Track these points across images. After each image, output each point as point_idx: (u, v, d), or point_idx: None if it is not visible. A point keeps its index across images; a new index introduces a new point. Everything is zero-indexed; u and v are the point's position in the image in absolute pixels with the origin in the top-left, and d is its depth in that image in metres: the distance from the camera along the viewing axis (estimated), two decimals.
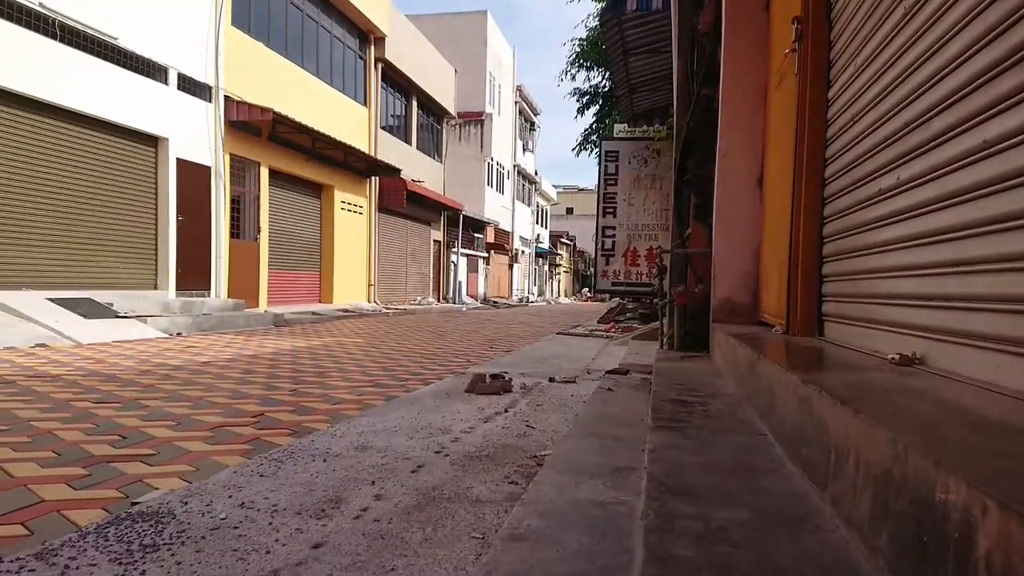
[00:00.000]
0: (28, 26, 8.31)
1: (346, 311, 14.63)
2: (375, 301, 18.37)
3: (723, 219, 4.33)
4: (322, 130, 13.85)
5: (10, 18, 8.08)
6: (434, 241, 23.96)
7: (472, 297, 27.61)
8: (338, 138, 14.57)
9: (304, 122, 13.13)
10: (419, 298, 21.89)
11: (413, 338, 9.19)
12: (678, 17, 5.61)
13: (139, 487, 2.32)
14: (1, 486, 2.28)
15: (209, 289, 11.81)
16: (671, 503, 1.32)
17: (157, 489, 2.28)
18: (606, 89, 17.49)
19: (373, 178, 18.36)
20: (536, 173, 42.11)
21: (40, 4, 8.38)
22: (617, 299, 16.91)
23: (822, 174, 2.94)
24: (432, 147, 24.17)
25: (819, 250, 2.96)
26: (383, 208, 19.09)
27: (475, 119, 30.22)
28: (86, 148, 9.48)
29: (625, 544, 1.47)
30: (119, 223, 10.10)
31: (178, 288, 11.01)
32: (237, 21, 12.55)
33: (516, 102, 36.12)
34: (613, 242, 10.14)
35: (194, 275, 11.45)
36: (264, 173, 13.57)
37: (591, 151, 18.65)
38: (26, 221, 8.62)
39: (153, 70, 10.41)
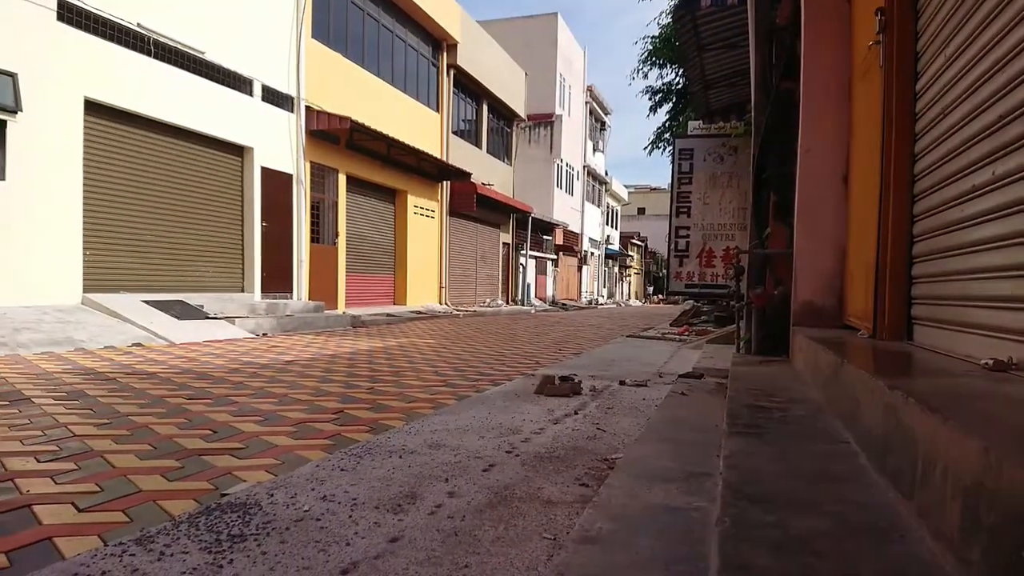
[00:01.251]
0: (126, 44, 8.92)
1: (419, 313, 14.94)
2: (446, 303, 18.68)
3: (805, 218, 4.17)
4: (396, 137, 14.22)
5: (111, 38, 8.69)
6: (503, 243, 24.13)
7: (540, 299, 27.64)
8: (411, 144, 14.92)
9: (380, 129, 13.52)
10: (488, 300, 22.10)
11: (483, 340, 9.29)
12: (755, 11, 5.45)
13: (228, 479, 2.46)
14: (104, 476, 2.46)
15: (291, 292, 12.32)
16: (748, 510, 1.29)
17: (245, 481, 2.41)
18: (679, 86, 17.17)
19: (444, 182, 18.69)
20: (606, 173, 41.74)
21: (138, 24, 8.98)
22: (691, 301, 16.54)
23: (911, 170, 2.80)
24: (502, 150, 24.37)
25: (908, 250, 2.81)
26: (454, 212, 19.39)
27: (545, 121, 30.27)
28: (179, 158, 10.08)
29: (699, 551, 1.45)
30: (209, 229, 10.68)
31: (263, 291, 11.54)
32: (317, 34, 13.06)
33: (586, 102, 35.94)
34: (687, 242, 9.94)
35: (278, 278, 11.98)
36: (342, 180, 14.05)
37: (664, 149, 18.34)
38: (124, 228, 9.24)
39: (239, 83, 10.96)
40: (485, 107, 22.19)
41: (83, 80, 8.28)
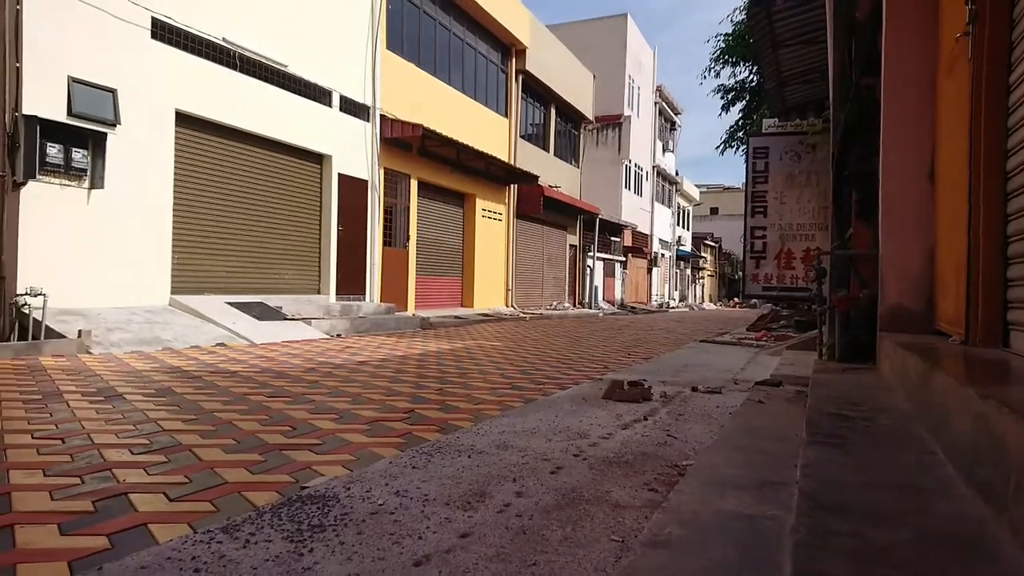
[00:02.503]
0: (213, 59, 9.41)
1: (486, 315, 15.08)
2: (512, 306, 18.78)
3: (890, 217, 3.98)
4: (466, 142, 14.43)
5: (199, 53, 9.19)
6: (570, 246, 24.05)
7: (609, 302, 27.38)
8: (480, 149, 15.11)
9: (450, 135, 13.76)
10: (555, 303, 22.07)
11: (550, 343, 9.30)
12: (833, 5, 5.25)
13: (307, 473, 2.56)
14: (192, 468, 2.61)
15: (364, 294, 12.69)
16: (825, 519, 1.26)
17: (323, 476, 2.51)
18: (753, 84, 16.70)
19: (512, 185, 18.82)
20: (677, 173, 40.97)
21: (223, 39, 9.47)
22: (770, 305, 15.99)
23: (1003, 167, 2.63)
24: (569, 152, 24.33)
25: (1003, 251, 2.64)
26: (520, 214, 19.49)
27: (613, 122, 30.02)
28: (262, 166, 10.56)
29: (772, 559, 1.42)
30: (288, 234, 11.14)
31: (338, 293, 11.93)
32: (391, 45, 13.44)
33: (656, 103, 35.42)
34: (764, 243, 9.63)
35: (352, 281, 12.36)
36: (414, 185, 14.37)
37: (737, 148, 17.87)
38: (210, 233, 9.75)
39: (319, 94, 11.40)
40: (553, 110, 22.22)
41: (174, 93, 8.80)
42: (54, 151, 7.23)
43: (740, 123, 17.61)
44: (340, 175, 11.94)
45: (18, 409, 3.63)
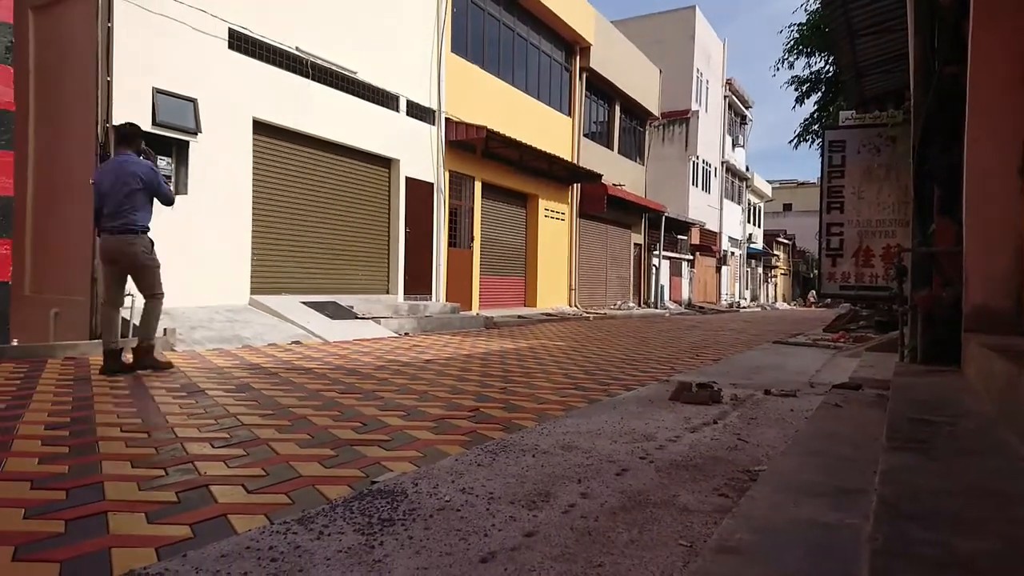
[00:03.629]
0: (287, 68, 9.77)
1: (549, 315, 15.07)
2: (576, 305, 18.69)
3: (975, 213, 3.75)
4: (529, 143, 14.47)
5: (273, 62, 9.56)
6: (634, 244, 23.73)
7: (675, 302, 26.86)
8: (543, 149, 15.11)
9: (513, 136, 13.83)
10: (619, 303, 21.83)
11: (614, 343, 9.20)
12: None
13: (377, 468, 2.63)
14: (269, 462, 2.72)
15: (430, 294, 12.91)
16: (905, 528, 1.20)
17: (392, 471, 2.57)
18: (829, 75, 16.05)
19: (575, 185, 18.74)
20: (747, 169, 39.80)
21: (296, 48, 9.82)
22: (847, 305, 15.37)
23: None
24: (634, 149, 24.01)
25: None
26: (584, 214, 19.37)
27: (680, 118, 29.44)
28: (333, 171, 10.89)
29: (848, 569, 1.36)
30: (359, 236, 11.45)
31: (405, 293, 12.19)
32: (456, 48, 13.62)
33: (725, 96, 34.52)
34: (841, 240, 9.23)
35: (418, 281, 12.61)
36: (478, 186, 14.52)
37: (812, 142, 17.21)
38: (286, 236, 10.13)
39: (387, 99, 11.67)
40: (617, 107, 21.99)
41: (251, 102, 9.19)
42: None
43: (815, 116, 16.95)
44: (407, 178, 12.19)
45: (109, 403, 3.88)
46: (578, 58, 18.70)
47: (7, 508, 2.08)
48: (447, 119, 13.07)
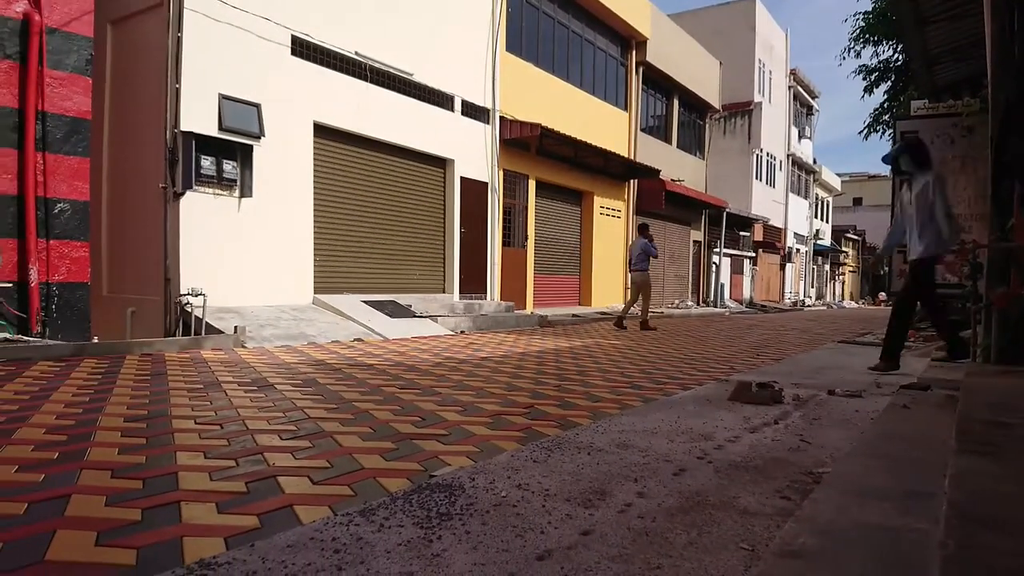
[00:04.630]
0: (346, 72, 10.02)
1: (604, 313, 14.96)
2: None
3: None
4: (584, 139, 14.39)
5: (333, 67, 9.82)
6: (694, 241, 23.28)
7: (736, 300, 26.22)
8: (598, 145, 15.00)
9: (568, 133, 13.78)
10: (677, 301, 21.46)
11: (671, 342, 9.07)
12: None
13: (435, 462, 2.68)
14: (333, 454, 2.80)
15: (485, 293, 13.01)
16: (976, 533, 1.15)
17: (449, 465, 2.61)
18: (899, 63, 15.36)
19: (631, 181, 18.52)
20: (814, 161, 38.44)
21: (355, 52, 10.04)
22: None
23: None
24: (693, 144, 23.55)
25: None
26: (640, 210, 19.12)
27: (742, 110, 28.69)
28: (390, 172, 11.10)
29: (916, 574, 1.31)
30: (416, 236, 11.64)
31: (461, 292, 12.32)
32: (511, 47, 13.67)
33: (790, 87, 33.44)
34: None
35: (473, 280, 12.72)
36: (532, 185, 14.53)
37: (883, 133, 16.50)
38: (346, 236, 10.39)
39: (442, 100, 11.82)
40: (676, 101, 21.61)
41: (312, 106, 9.46)
42: (207, 163, 7.99)
43: (885, 105, 16.24)
44: (462, 178, 12.31)
45: (183, 397, 4.07)
46: (634, 52, 18.47)
47: (90, 495, 2.21)
48: (501, 118, 13.13)
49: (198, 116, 7.94)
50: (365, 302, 9.79)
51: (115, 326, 8.36)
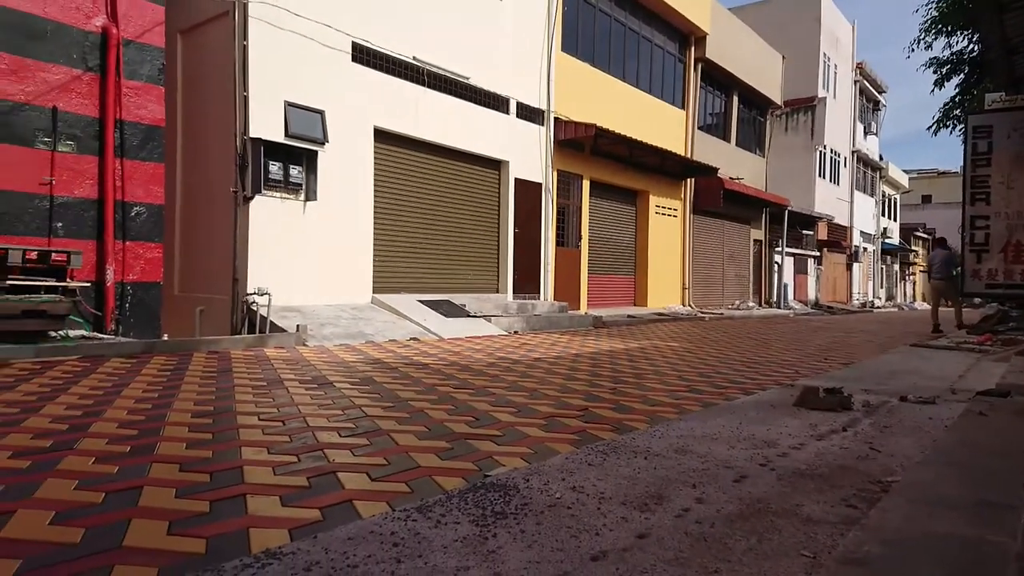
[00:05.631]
0: (404, 76, 10.19)
1: (660, 315, 14.74)
2: (690, 305, 18.14)
3: None
4: (639, 138, 14.22)
5: (392, 72, 10.00)
6: (754, 241, 22.69)
7: (801, 301, 25.41)
8: (654, 144, 14.80)
9: (623, 132, 13.65)
10: (737, 302, 20.94)
11: (732, 344, 8.86)
12: None
13: (489, 462, 2.70)
14: (390, 451, 2.86)
15: (539, 293, 13.01)
16: None
17: (503, 466, 2.63)
18: (973, 54, 14.59)
19: (688, 179, 18.19)
20: (881, 158, 36.96)
21: (413, 57, 10.21)
22: (995, 305, 14.23)
23: None
24: (753, 141, 22.96)
25: None
26: (698, 209, 18.76)
27: (805, 105, 27.81)
28: (446, 174, 11.24)
29: None
30: (470, 236, 11.75)
31: (514, 292, 12.36)
32: (566, 47, 13.63)
33: (856, 81, 32.22)
34: (987, 235, 8.40)
35: (527, 280, 12.75)
36: (586, 185, 14.46)
37: (953, 127, 15.71)
38: (404, 237, 10.57)
39: (497, 102, 11.89)
40: (735, 97, 21.11)
41: (372, 111, 9.66)
42: (275, 168, 8.28)
43: (957, 99, 15.46)
44: (516, 179, 12.36)
45: (248, 394, 4.22)
46: (693, 48, 18.14)
47: (161, 488, 2.32)
48: (556, 119, 13.11)
49: (265, 123, 8.22)
50: (421, 302, 9.93)
51: (185, 324, 8.74)
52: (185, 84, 9.26)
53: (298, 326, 7.36)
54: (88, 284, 6.76)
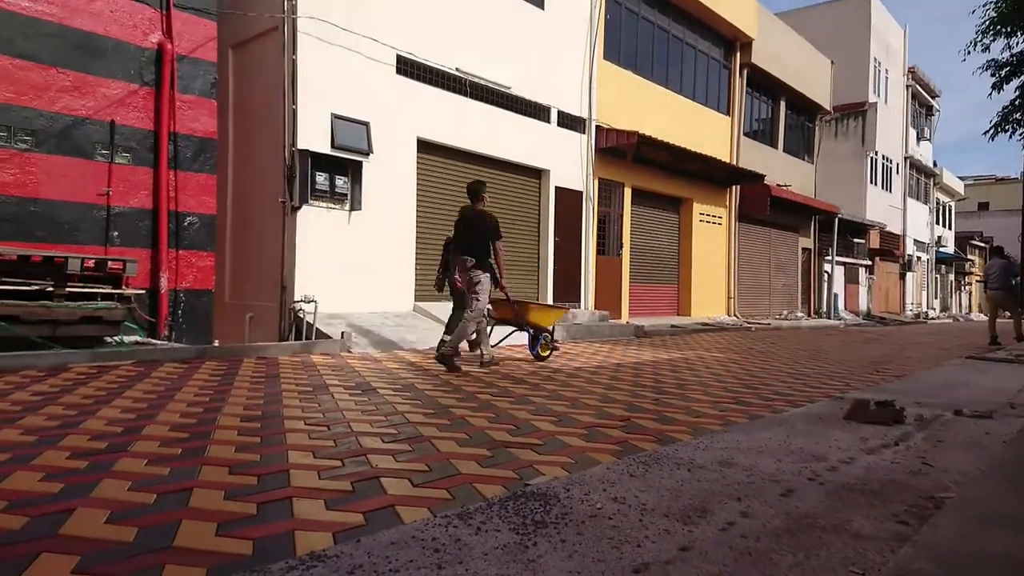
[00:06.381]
0: (447, 87, 10.31)
1: (705, 324, 14.50)
2: (735, 315, 17.79)
3: None
4: (683, 145, 14.07)
5: (435, 83, 10.13)
6: (803, 249, 22.14)
7: (851, 312, 24.68)
8: (698, 151, 14.62)
9: (666, 139, 13.52)
10: (785, 312, 20.45)
11: (780, 355, 8.66)
12: None
13: (530, 471, 2.70)
14: (431, 458, 2.88)
15: (579, 301, 12.95)
16: None
17: (544, 475, 2.62)
18: None
19: (733, 187, 17.90)
20: (935, 164, 35.74)
21: (456, 68, 10.33)
22: None
23: None
24: (801, 147, 22.46)
25: None
26: (743, 217, 18.41)
27: (855, 111, 27.09)
28: (489, 185, 11.27)
29: None
30: (510, 245, 11.74)
31: (554, 300, 12.32)
32: (608, 55, 13.59)
33: (908, 85, 31.26)
34: None
35: (567, 289, 12.70)
36: (627, 193, 14.35)
37: (1012, 132, 15.09)
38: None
39: (538, 111, 11.93)
40: (782, 103, 20.72)
41: (415, 122, 9.80)
42: (321, 179, 8.46)
43: (1017, 102, 14.85)
44: (557, 188, 12.35)
45: (295, 399, 4.31)
46: (738, 54, 17.88)
47: (211, 489, 2.39)
48: (597, 127, 13.07)
49: (312, 135, 8.42)
50: None
51: (235, 330, 8.98)
52: (236, 97, 9.55)
53: (343, 333, 7.49)
54: (143, 291, 7.01)
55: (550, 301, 12.23)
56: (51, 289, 5.97)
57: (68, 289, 6.08)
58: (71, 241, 6.60)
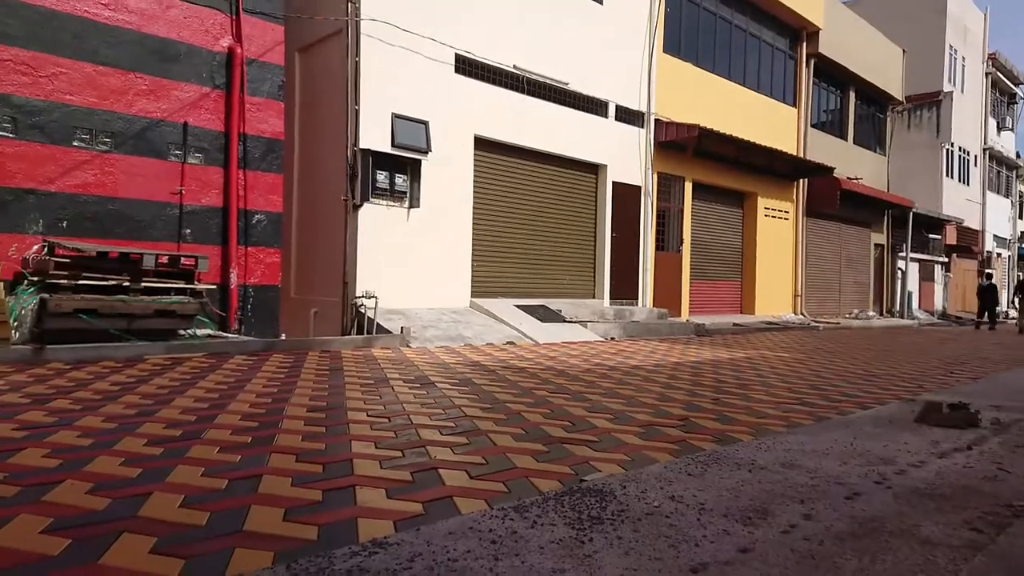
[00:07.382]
0: (504, 85, 10.36)
1: (769, 323, 14.11)
2: (802, 313, 17.24)
3: None
4: (746, 138, 13.71)
5: (493, 81, 10.19)
6: (875, 245, 21.26)
7: (927, 311, 23.55)
8: (763, 144, 14.21)
9: (728, 132, 13.21)
10: (856, 311, 19.68)
11: (848, 356, 8.35)
12: None
13: (585, 467, 2.70)
14: (488, 451, 2.92)
15: (637, 299, 12.80)
16: None
17: (600, 472, 2.62)
18: None
19: (800, 180, 17.33)
20: (1017, 156, 33.72)
21: (513, 66, 10.36)
22: None
23: None
24: (872, 139, 21.56)
25: None
26: (811, 212, 17.81)
27: (929, 101, 25.80)
28: (544, 180, 11.31)
29: None
30: (566, 241, 11.75)
31: (611, 297, 12.23)
32: (668, 47, 13.38)
33: (987, 73, 29.55)
34: None
35: (624, 286, 12.58)
36: (688, 187, 14.09)
37: None
38: (501, 242, 10.72)
39: (596, 106, 11.84)
40: (852, 94, 19.93)
41: (473, 120, 9.89)
42: (381, 177, 8.64)
43: None
44: (615, 183, 12.24)
45: (357, 391, 4.43)
46: (804, 44, 17.30)
47: (279, 477, 2.49)
48: (656, 120, 12.88)
49: (374, 134, 8.62)
50: (517, 306, 10.03)
51: (300, 324, 9.28)
52: (302, 99, 9.86)
53: (402, 328, 7.65)
54: (213, 286, 7.33)
55: (606, 299, 12.16)
56: (127, 284, 6.29)
57: (143, 284, 6.40)
58: (146, 238, 6.95)
